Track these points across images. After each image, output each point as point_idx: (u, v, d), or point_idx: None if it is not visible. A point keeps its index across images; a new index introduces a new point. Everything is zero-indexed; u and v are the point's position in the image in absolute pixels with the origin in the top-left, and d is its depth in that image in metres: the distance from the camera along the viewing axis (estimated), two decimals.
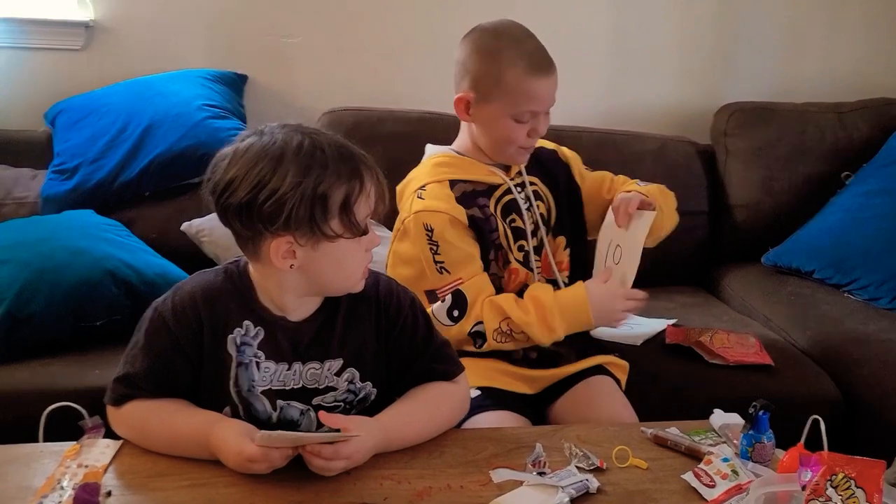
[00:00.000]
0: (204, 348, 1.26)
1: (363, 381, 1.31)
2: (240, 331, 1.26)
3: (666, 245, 2.50)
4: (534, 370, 1.66)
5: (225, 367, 1.26)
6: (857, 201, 2.46)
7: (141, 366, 1.25)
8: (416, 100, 2.52)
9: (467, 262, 1.61)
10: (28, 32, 2.49)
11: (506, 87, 1.59)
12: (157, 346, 1.25)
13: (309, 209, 1.16)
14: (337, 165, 1.18)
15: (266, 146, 1.18)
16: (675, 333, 2.01)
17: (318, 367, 1.29)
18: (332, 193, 1.17)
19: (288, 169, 1.16)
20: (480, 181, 1.66)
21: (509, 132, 1.62)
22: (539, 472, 1.21)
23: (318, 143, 1.19)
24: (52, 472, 1.17)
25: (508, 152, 1.66)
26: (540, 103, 1.61)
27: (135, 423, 1.25)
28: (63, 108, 2.39)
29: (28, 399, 1.62)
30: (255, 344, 1.26)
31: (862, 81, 2.86)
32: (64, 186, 2.23)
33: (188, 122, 2.27)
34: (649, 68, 2.82)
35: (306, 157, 1.17)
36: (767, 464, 1.25)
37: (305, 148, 1.18)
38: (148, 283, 1.90)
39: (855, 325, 2.12)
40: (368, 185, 1.21)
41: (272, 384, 1.27)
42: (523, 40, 1.62)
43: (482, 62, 1.62)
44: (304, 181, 1.16)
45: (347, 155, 1.20)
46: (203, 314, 1.25)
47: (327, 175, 1.17)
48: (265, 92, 2.61)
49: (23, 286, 1.81)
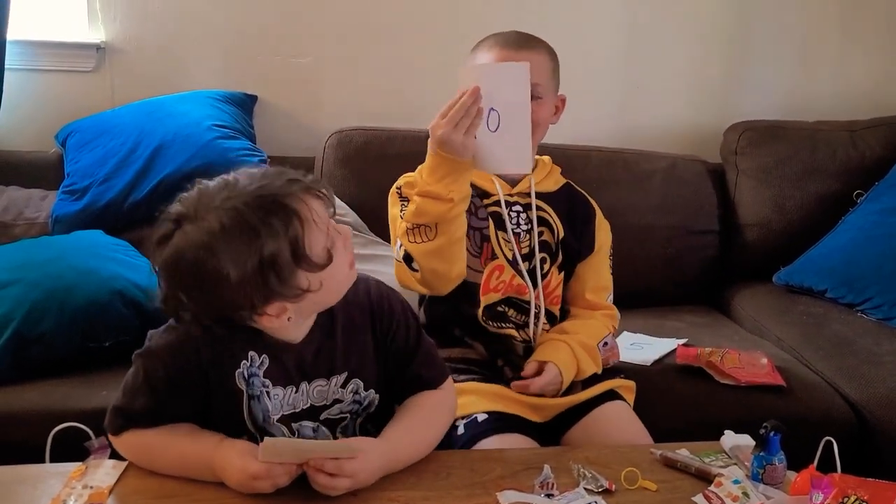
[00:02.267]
0: (211, 385, 1.25)
1: (367, 389, 1.32)
2: (245, 363, 1.25)
3: (676, 264, 2.52)
4: (539, 398, 1.63)
5: (237, 401, 1.25)
6: (869, 220, 2.45)
7: (139, 403, 1.24)
8: (426, 119, 2.50)
9: None
10: (40, 55, 2.52)
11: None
12: (154, 385, 1.24)
13: (266, 282, 1.12)
14: (265, 220, 1.10)
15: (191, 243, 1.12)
16: (686, 354, 1.99)
17: (324, 383, 1.29)
18: (279, 253, 1.11)
19: (225, 259, 1.10)
20: (477, 185, 1.64)
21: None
22: (547, 494, 1.20)
23: (235, 205, 1.11)
24: (58, 494, 1.17)
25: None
26: None
27: (137, 449, 1.25)
28: (74, 129, 2.40)
29: (35, 419, 1.62)
30: (262, 373, 1.25)
31: (874, 100, 2.85)
32: (74, 207, 2.23)
33: (198, 143, 2.28)
34: (660, 87, 2.82)
35: (234, 234, 1.10)
36: (779, 486, 1.24)
37: (227, 223, 1.10)
38: (157, 304, 1.90)
39: (868, 345, 2.10)
40: (306, 212, 1.14)
41: (283, 409, 1.27)
42: (505, 32, 1.65)
43: (468, 59, 1.66)
44: (246, 263, 1.10)
45: (268, 199, 1.12)
46: (204, 354, 1.23)
47: (263, 239, 1.10)
48: (275, 112, 2.62)
49: (32, 306, 1.81)
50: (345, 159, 2.41)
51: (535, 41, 1.66)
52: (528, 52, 1.60)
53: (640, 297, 2.32)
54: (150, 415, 1.24)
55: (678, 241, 2.52)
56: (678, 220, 2.53)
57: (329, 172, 2.41)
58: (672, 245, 2.51)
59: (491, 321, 1.66)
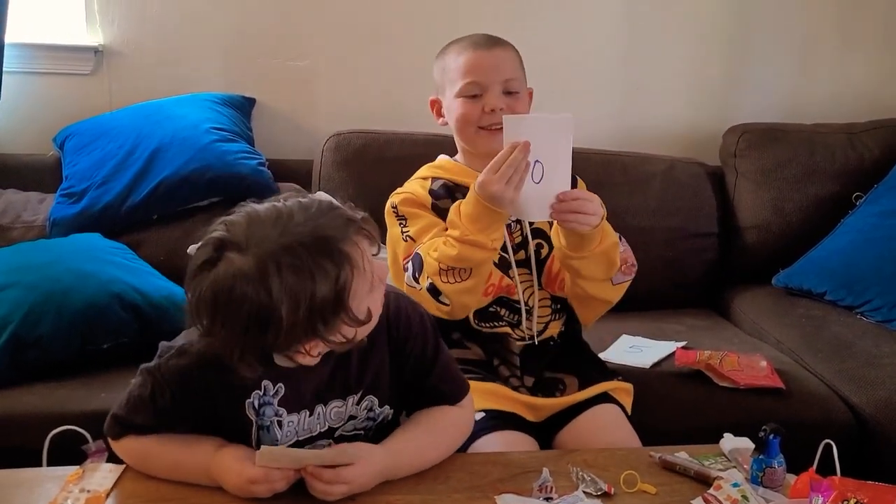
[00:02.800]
0: (219, 413, 1.23)
1: (381, 405, 1.31)
2: (258, 393, 1.22)
3: (676, 267, 2.52)
4: (535, 398, 1.63)
5: (245, 429, 1.24)
6: (868, 222, 2.45)
7: (140, 419, 1.24)
8: (424, 122, 2.51)
9: (430, 228, 1.61)
10: (38, 57, 2.51)
11: (448, 70, 1.66)
12: (159, 406, 1.23)
13: (314, 326, 1.08)
14: (321, 264, 1.07)
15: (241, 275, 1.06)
16: (685, 356, 1.99)
17: (341, 404, 1.27)
18: (329, 299, 1.07)
19: (278, 299, 1.05)
20: (465, 184, 1.64)
21: (461, 111, 1.64)
22: (546, 498, 1.20)
23: (292, 244, 1.07)
24: (55, 497, 1.17)
25: (470, 135, 1.66)
26: (480, 73, 1.62)
27: (136, 454, 1.25)
28: (72, 132, 2.40)
29: (33, 422, 1.62)
30: (276, 402, 1.23)
31: (873, 102, 2.85)
32: (72, 210, 2.23)
33: (196, 146, 2.28)
34: (659, 89, 2.82)
35: (290, 274, 1.06)
36: (778, 489, 1.23)
37: (283, 262, 1.06)
38: (155, 307, 1.90)
39: (868, 348, 2.09)
40: (358, 258, 1.10)
41: (298, 435, 1.26)
42: (470, 35, 1.69)
43: (436, 64, 1.71)
44: (300, 305, 1.06)
45: (326, 241, 1.08)
46: (213, 380, 1.20)
47: (318, 283, 1.06)
48: (273, 115, 2.62)
49: (30, 309, 1.81)
50: (343, 162, 2.41)
51: (502, 40, 1.69)
52: (501, 50, 1.66)
53: (639, 300, 2.30)
54: (149, 429, 1.24)
55: (677, 244, 2.52)
56: (677, 223, 2.52)
57: (327, 175, 2.41)
58: (671, 248, 2.51)
59: (483, 323, 1.66)
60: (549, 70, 2.69)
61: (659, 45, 2.79)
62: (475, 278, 1.55)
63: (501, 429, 1.54)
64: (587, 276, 1.61)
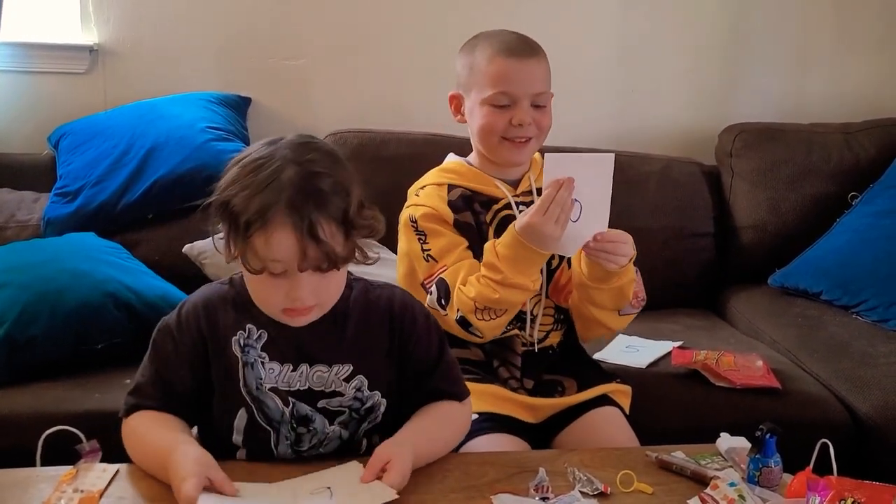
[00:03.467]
0: (209, 356, 1.27)
1: (371, 389, 1.31)
2: (242, 334, 1.27)
3: (672, 267, 2.51)
4: (534, 398, 1.63)
5: (233, 369, 1.27)
6: (864, 222, 2.45)
7: (148, 375, 1.28)
8: (421, 121, 2.52)
9: (453, 249, 1.59)
10: (32, 56, 2.51)
11: (477, 72, 1.60)
12: (161, 356, 1.28)
13: (222, 218, 1.19)
14: (255, 195, 1.15)
15: (250, 154, 1.21)
16: (681, 356, 1.99)
17: (325, 370, 1.28)
18: (239, 216, 1.16)
19: (231, 175, 1.19)
20: (482, 192, 1.64)
21: (487, 119, 1.59)
22: (542, 498, 1.19)
23: (276, 168, 1.17)
24: (48, 498, 1.16)
25: (493, 144, 1.62)
26: (512, 84, 1.58)
27: (131, 434, 1.26)
28: (66, 131, 2.40)
29: (27, 422, 1.62)
30: (259, 346, 1.27)
31: (869, 102, 2.85)
32: (66, 209, 2.23)
33: (191, 145, 2.27)
34: (655, 89, 2.82)
35: (244, 172, 1.18)
36: (775, 489, 1.23)
37: (256, 166, 1.17)
38: (149, 306, 1.89)
39: (864, 347, 2.09)
40: (273, 231, 1.14)
41: (278, 384, 1.27)
42: (501, 33, 1.64)
43: (462, 57, 1.65)
44: (226, 191, 1.18)
45: (275, 192, 1.14)
46: (204, 323, 1.27)
47: (241, 196, 1.16)
48: (269, 114, 2.62)
49: (23, 309, 1.80)
50: None
51: (536, 47, 1.64)
52: (535, 61, 1.61)
53: None
54: (156, 385, 1.27)
55: (673, 244, 2.51)
56: (673, 223, 2.52)
57: None
58: (667, 247, 2.51)
59: None
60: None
61: (656, 45, 2.79)
62: (510, 313, 1.57)
63: (495, 431, 1.54)
64: (598, 304, 1.62)
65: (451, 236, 1.61)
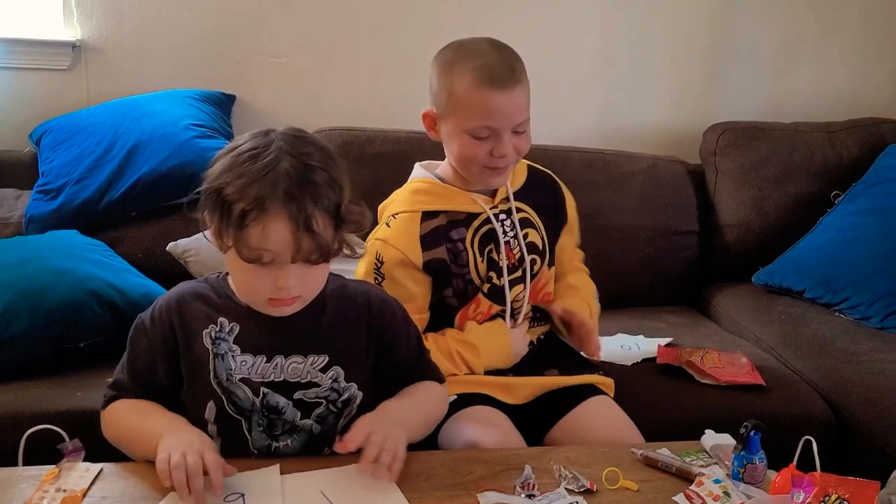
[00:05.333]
0: (179, 349, 1.28)
1: (348, 381, 1.32)
2: (214, 327, 1.28)
3: (656, 265, 2.52)
4: (511, 378, 1.64)
5: (202, 361, 1.27)
6: (847, 221, 2.46)
7: (127, 371, 1.31)
8: (405, 119, 2.51)
9: (404, 301, 1.54)
10: (14, 52, 2.48)
11: (456, 100, 1.52)
12: (138, 350, 1.30)
13: (214, 207, 1.19)
14: (251, 185, 1.16)
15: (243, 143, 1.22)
16: (666, 353, 1.99)
17: (300, 360, 1.29)
18: (233, 205, 1.17)
19: (223, 164, 1.20)
20: (458, 210, 1.62)
21: (467, 149, 1.55)
22: (528, 495, 1.19)
23: (271, 160, 1.17)
24: (30, 497, 1.15)
25: (473, 172, 1.59)
26: (494, 118, 1.51)
27: (112, 420, 1.29)
28: (48, 128, 2.37)
29: (9, 422, 1.60)
30: (231, 339, 1.28)
31: (851, 101, 2.87)
32: (48, 207, 2.20)
33: (175, 142, 2.25)
34: (639, 88, 2.83)
35: (238, 161, 1.18)
36: (759, 485, 1.24)
37: (251, 156, 1.18)
38: (132, 304, 1.88)
39: (846, 345, 2.11)
40: (268, 221, 1.16)
41: (251, 375, 1.28)
42: (482, 54, 1.53)
43: (438, 76, 1.56)
44: (220, 180, 1.18)
45: (272, 183, 1.16)
46: (175, 317, 1.29)
47: (235, 186, 1.16)
48: (253, 112, 2.60)
49: (5, 307, 1.78)
50: None
51: (516, 69, 1.54)
52: (518, 90, 1.53)
53: (620, 298, 2.32)
54: (134, 378, 1.30)
55: (658, 242, 2.52)
56: (658, 221, 2.53)
57: None
58: (652, 246, 2.52)
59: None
60: (532, 69, 2.65)
61: (640, 44, 2.79)
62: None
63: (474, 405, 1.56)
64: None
65: (409, 289, 1.59)
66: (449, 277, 1.61)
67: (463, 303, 1.63)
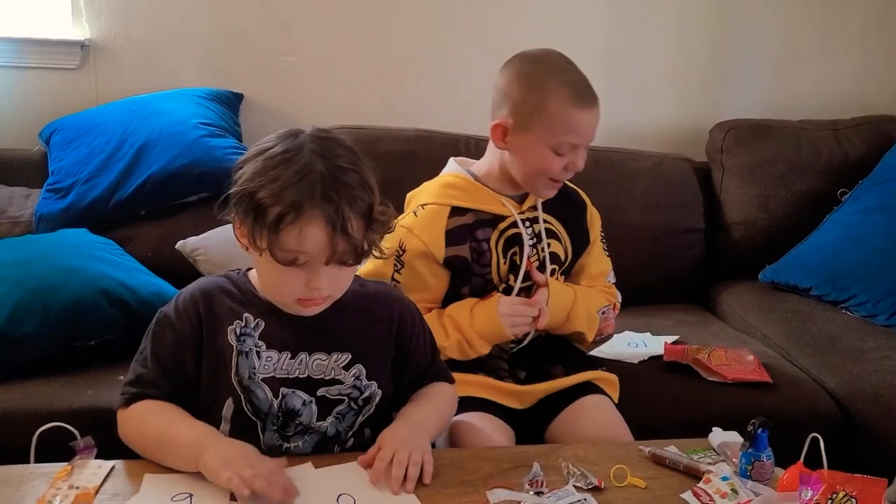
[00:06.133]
0: (203, 342, 1.28)
1: (369, 379, 1.33)
2: (239, 323, 1.28)
3: (663, 263, 2.52)
4: (520, 385, 1.65)
5: (225, 357, 1.27)
6: (853, 218, 2.46)
7: (151, 366, 1.28)
8: (413, 118, 2.52)
9: (419, 291, 1.58)
10: (24, 52, 2.50)
11: (547, 115, 1.55)
12: (163, 345, 1.28)
13: (247, 210, 1.19)
14: (287, 188, 1.16)
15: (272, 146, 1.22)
16: (673, 351, 2.00)
17: (324, 357, 1.30)
18: (268, 209, 1.17)
19: (254, 166, 1.20)
20: (486, 211, 1.63)
21: (546, 163, 1.58)
22: (536, 492, 1.20)
23: (305, 163, 1.18)
24: (43, 494, 1.16)
25: (538, 184, 1.62)
26: (580, 136, 1.57)
27: (137, 421, 1.26)
28: (58, 126, 2.39)
29: (20, 420, 1.61)
30: (256, 335, 1.28)
31: (858, 99, 2.86)
32: (58, 205, 2.22)
33: (184, 141, 2.26)
34: (646, 86, 2.83)
35: (271, 164, 1.18)
36: (767, 482, 1.24)
37: (284, 159, 1.18)
38: (142, 302, 1.89)
39: (853, 342, 2.11)
40: (306, 224, 1.16)
41: (275, 373, 1.28)
42: (566, 69, 1.59)
43: (524, 89, 1.57)
44: (253, 183, 1.18)
45: (309, 186, 1.17)
46: (202, 310, 1.29)
47: (270, 189, 1.17)
48: (261, 111, 2.61)
49: (16, 305, 1.79)
50: None
51: (593, 90, 1.62)
52: (598, 107, 1.60)
53: (627, 296, 2.31)
54: (161, 374, 1.27)
55: (664, 240, 2.52)
56: (664, 219, 2.53)
57: None
58: (658, 243, 2.52)
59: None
60: None
61: (647, 42, 2.79)
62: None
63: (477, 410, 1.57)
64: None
65: (426, 281, 1.61)
66: (469, 275, 1.63)
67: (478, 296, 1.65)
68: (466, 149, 2.43)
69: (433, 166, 1.76)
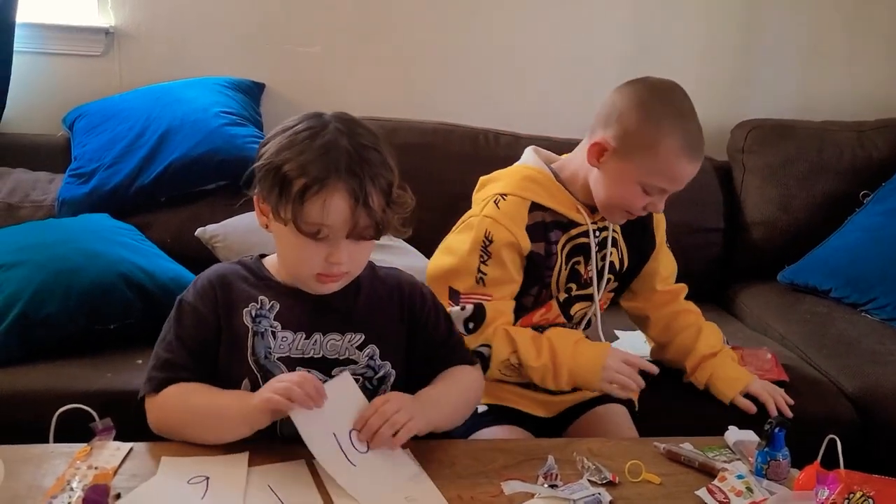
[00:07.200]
0: (221, 322, 1.30)
1: (383, 359, 1.34)
2: (255, 305, 1.31)
3: (681, 262, 2.50)
4: (549, 395, 1.65)
5: (242, 338, 1.29)
6: (875, 220, 2.45)
7: (178, 350, 1.30)
8: (432, 110, 2.52)
9: (505, 285, 1.57)
10: (49, 38, 2.52)
11: (653, 155, 1.51)
12: (188, 328, 1.30)
13: (273, 183, 1.22)
14: (312, 161, 1.20)
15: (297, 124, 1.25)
16: None
17: (338, 338, 1.32)
18: (294, 181, 1.20)
19: (279, 142, 1.23)
20: (563, 214, 1.61)
21: (631, 197, 1.55)
22: (551, 485, 1.20)
23: (330, 138, 1.22)
24: (63, 473, 1.17)
25: (614, 212, 1.59)
26: (675, 185, 1.55)
27: (175, 403, 1.27)
28: (82, 112, 2.40)
29: (41, 400, 1.62)
30: (272, 316, 1.30)
31: (882, 101, 2.84)
32: (81, 190, 2.23)
33: (205, 129, 2.28)
34: None
35: (297, 140, 1.22)
36: (783, 482, 1.24)
37: (310, 134, 1.22)
38: (161, 288, 1.90)
39: (872, 345, 2.10)
40: (329, 196, 1.19)
41: (291, 352, 1.30)
42: (687, 115, 1.54)
43: (640, 120, 1.52)
44: (279, 157, 1.21)
45: (333, 160, 1.20)
46: (219, 294, 1.31)
47: (296, 162, 1.20)
48: (282, 100, 2.62)
49: (38, 288, 1.81)
50: None
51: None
52: (701, 158, 1.58)
53: None
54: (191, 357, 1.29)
55: (683, 238, 2.49)
56: (684, 217, 2.50)
57: None
58: (677, 242, 2.48)
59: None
60: (557, 67, 2.68)
61: (669, 41, 2.78)
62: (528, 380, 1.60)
63: (501, 423, 1.56)
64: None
65: (512, 273, 1.58)
66: (539, 276, 1.60)
67: (535, 306, 1.63)
68: (486, 142, 2.43)
69: (452, 159, 1.76)
